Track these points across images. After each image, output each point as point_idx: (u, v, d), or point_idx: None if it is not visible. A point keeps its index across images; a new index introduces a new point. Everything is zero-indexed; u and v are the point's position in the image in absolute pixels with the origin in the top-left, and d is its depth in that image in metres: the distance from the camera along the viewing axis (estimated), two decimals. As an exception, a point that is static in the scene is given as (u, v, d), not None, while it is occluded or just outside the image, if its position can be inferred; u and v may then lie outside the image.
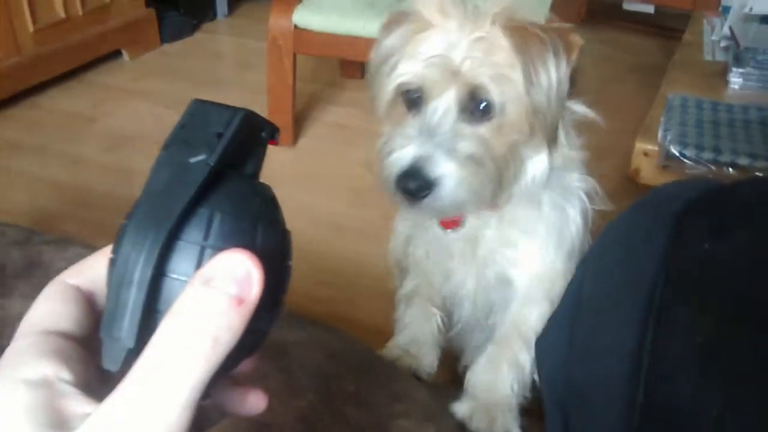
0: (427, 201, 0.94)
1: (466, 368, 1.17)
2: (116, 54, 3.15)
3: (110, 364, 0.36)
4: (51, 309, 0.38)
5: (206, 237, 0.37)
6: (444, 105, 0.95)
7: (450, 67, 0.94)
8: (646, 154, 1.73)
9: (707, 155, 1.62)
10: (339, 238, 2.10)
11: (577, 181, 1.08)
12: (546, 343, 0.89)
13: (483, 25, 0.95)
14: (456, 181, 0.94)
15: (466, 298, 1.16)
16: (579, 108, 1.03)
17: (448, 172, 0.93)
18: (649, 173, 1.72)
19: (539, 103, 0.93)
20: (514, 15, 0.96)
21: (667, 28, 3.40)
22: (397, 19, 1.02)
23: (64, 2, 2.80)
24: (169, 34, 3.38)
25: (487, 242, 1.10)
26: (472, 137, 0.95)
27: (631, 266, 0.72)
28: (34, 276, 0.94)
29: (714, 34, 2.40)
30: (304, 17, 2.31)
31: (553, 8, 2.18)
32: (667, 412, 0.56)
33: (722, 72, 2.11)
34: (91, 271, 0.40)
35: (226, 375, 0.40)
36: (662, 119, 1.78)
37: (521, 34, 0.93)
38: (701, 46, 2.36)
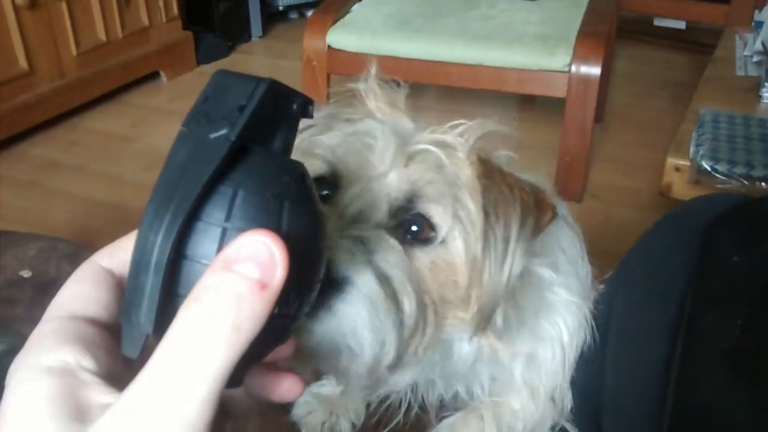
0: (321, 309, 0.59)
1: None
2: (154, 75, 3.23)
3: (129, 350, 0.35)
4: (80, 292, 0.37)
5: (228, 217, 0.34)
6: (367, 197, 0.65)
7: (387, 151, 0.66)
8: (677, 169, 1.73)
9: (739, 170, 1.62)
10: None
11: (563, 312, 0.83)
12: (578, 359, 0.90)
13: (446, 132, 0.70)
14: (364, 300, 0.59)
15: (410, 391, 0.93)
16: (542, 271, 0.79)
17: (358, 282, 0.59)
18: (681, 188, 1.72)
19: (487, 266, 0.66)
20: (489, 152, 0.71)
21: (699, 44, 3.39)
22: (336, 105, 0.78)
23: (105, 26, 2.89)
24: (206, 55, 3.45)
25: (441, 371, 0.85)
26: (397, 254, 0.63)
27: (661, 278, 0.74)
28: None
29: (746, 50, 2.39)
30: (337, 38, 2.35)
31: (584, 25, 2.20)
32: (696, 416, 0.58)
33: (754, 87, 2.11)
34: (124, 253, 0.38)
35: (262, 360, 0.38)
36: (694, 134, 1.78)
37: (492, 168, 0.69)
38: (733, 62, 2.36)
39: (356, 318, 0.59)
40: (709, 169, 1.64)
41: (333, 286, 0.58)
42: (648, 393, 0.63)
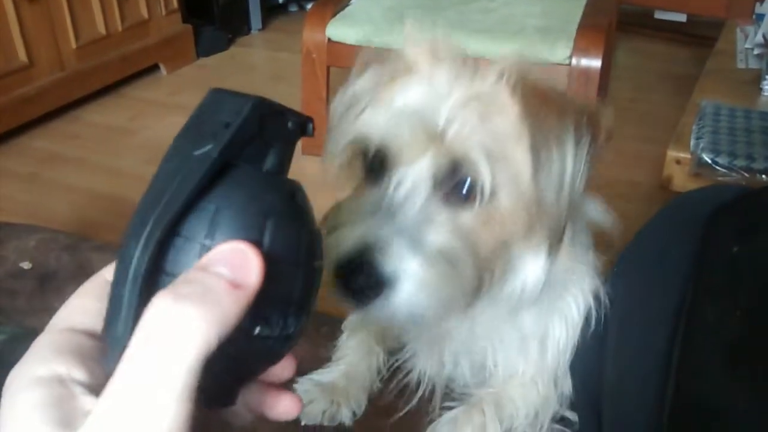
0: (373, 305, 0.69)
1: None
2: (154, 68, 3.22)
3: (108, 364, 0.34)
4: (82, 306, 0.38)
5: (209, 234, 0.34)
6: (414, 177, 0.70)
7: (427, 128, 0.70)
8: (678, 162, 1.73)
9: (740, 162, 1.62)
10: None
11: (575, 291, 0.87)
12: (579, 347, 0.91)
13: (485, 78, 0.72)
14: (417, 285, 0.67)
15: (423, 376, 0.98)
16: (592, 210, 0.84)
17: (407, 271, 0.67)
18: (682, 181, 1.72)
19: (545, 196, 0.69)
20: (532, 73, 0.74)
21: (700, 36, 3.38)
22: (375, 58, 0.81)
23: (105, 19, 2.88)
24: (205, 48, 3.45)
25: (455, 343, 0.92)
26: (447, 226, 0.70)
27: (661, 269, 0.74)
28: (85, 281, 0.98)
29: (747, 42, 2.39)
30: (337, 30, 2.35)
31: (585, 18, 2.20)
32: (695, 406, 0.58)
33: (755, 80, 2.10)
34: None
35: (254, 379, 0.39)
36: (694, 127, 1.78)
37: (536, 101, 0.70)
38: (734, 54, 2.36)
39: (411, 301, 0.67)
40: (709, 161, 1.64)
41: (385, 281, 0.67)
42: (648, 383, 0.64)
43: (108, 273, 0.39)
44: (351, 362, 1.02)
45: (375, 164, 0.75)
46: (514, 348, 0.91)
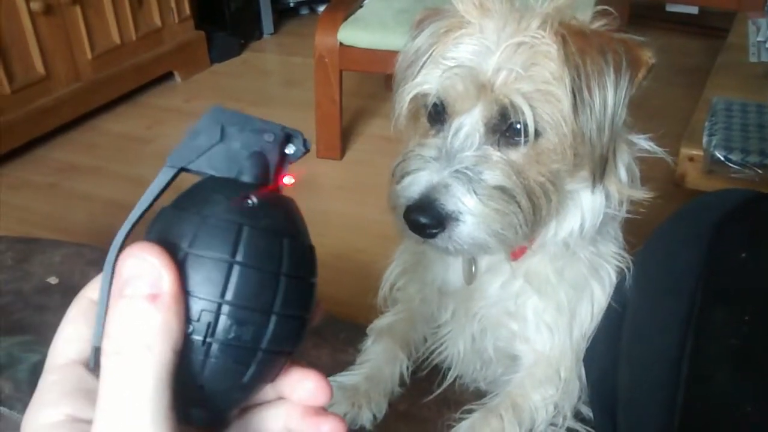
0: (439, 239, 0.79)
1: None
2: (168, 76, 3.26)
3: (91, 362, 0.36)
4: (75, 333, 0.38)
5: (191, 243, 0.35)
6: (468, 124, 0.80)
7: (477, 79, 0.78)
8: (691, 159, 1.74)
9: (753, 159, 1.62)
10: (385, 248, 2.14)
11: (613, 253, 0.92)
12: (594, 351, 0.92)
13: (529, 26, 0.79)
14: (476, 220, 0.77)
15: (454, 358, 1.02)
16: (641, 142, 0.89)
17: (467, 208, 0.77)
18: (695, 178, 1.73)
19: (588, 130, 0.78)
20: (571, 16, 0.81)
21: (712, 28, 3.37)
22: (429, 15, 0.88)
23: (119, 29, 2.92)
24: (218, 54, 3.48)
25: (488, 307, 0.95)
26: (500, 164, 0.79)
27: (672, 274, 0.75)
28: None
29: (759, 35, 2.38)
30: (349, 34, 2.37)
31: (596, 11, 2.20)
32: (705, 410, 0.59)
33: (767, 73, 2.10)
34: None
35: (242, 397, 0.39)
36: (707, 124, 1.79)
37: (577, 42, 0.77)
38: (746, 48, 2.35)
39: (473, 233, 0.77)
40: (722, 158, 1.65)
41: (448, 218, 0.77)
42: (659, 388, 0.65)
43: (91, 291, 0.39)
44: (374, 366, 1.03)
45: (434, 115, 0.83)
46: (545, 323, 0.94)
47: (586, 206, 0.86)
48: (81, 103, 2.81)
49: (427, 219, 0.77)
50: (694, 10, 3.58)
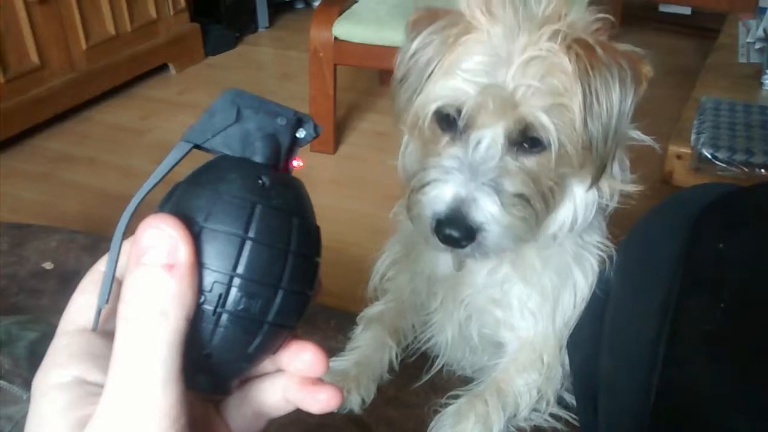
0: (468, 248, 0.83)
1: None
2: (163, 68, 3.27)
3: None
4: (87, 303, 0.39)
5: (207, 217, 0.37)
6: (491, 137, 0.82)
7: (499, 95, 0.80)
8: (679, 156, 1.76)
9: (739, 157, 1.65)
10: (377, 242, 2.17)
11: (597, 242, 0.96)
12: (577, 338, 0.95)
13: (538, 36, 0.81)
14: (502, 228, 0.82)
15: (442, 345, 1.06)
16: (635, 134, 0.94)
17: (493, 218, 0.82)
18: (683, 176, 1.75)
19: (595, 139, 0.82)
20: (577, 29, 0.83)
21: (705, 29, 3.40)
22: (425, 17, 0.88)
23: (114, 20, 2.93)
24: (213, 47, 3.49)
25: (475, 294, 0.99)
26: (519, 173, 0.83)
27: (652, 263, 0.78)
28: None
29: (749, 36, 2.41)
30: (344, 29, 2.38)
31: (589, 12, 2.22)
32: (679, 394, 0.61)
33: (756, 74, 2.13)
34: (123, 256, 0.39)
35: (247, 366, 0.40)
36: (695, 123, 1.81)
37: (587, 56, 0.81)
38: (736, 49, 2.38)
39: (498, 241, 0.83)
40: (709, 156, 1.67)
41: (476, 229, 0.81)
42: (637, 372, 0.67)
43: (102, 264, 0.40)
44: (364, 353, 1.05)
45: (452, 122, 0.85)
46: (529, 310, 0.97)
47: (579, 201, 0.90)
48: (75, 93, 2.82)
49: (459, 233, 0.81)
50: (687, 10, 3.61)
